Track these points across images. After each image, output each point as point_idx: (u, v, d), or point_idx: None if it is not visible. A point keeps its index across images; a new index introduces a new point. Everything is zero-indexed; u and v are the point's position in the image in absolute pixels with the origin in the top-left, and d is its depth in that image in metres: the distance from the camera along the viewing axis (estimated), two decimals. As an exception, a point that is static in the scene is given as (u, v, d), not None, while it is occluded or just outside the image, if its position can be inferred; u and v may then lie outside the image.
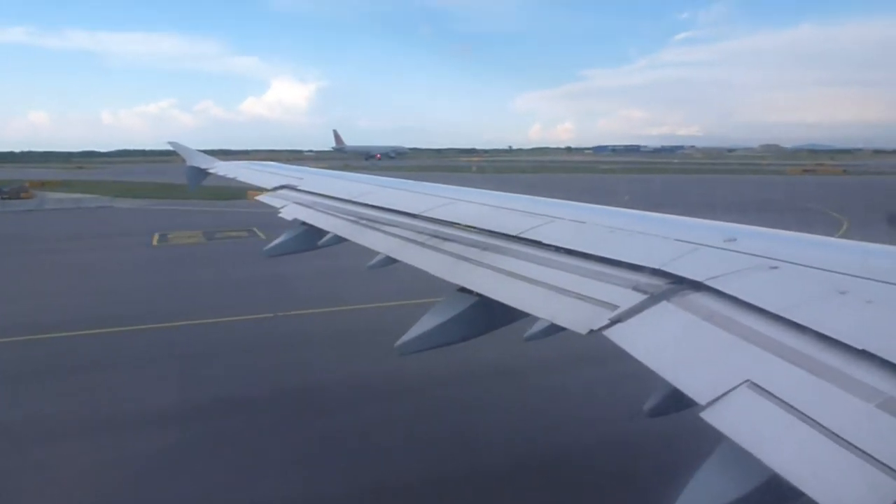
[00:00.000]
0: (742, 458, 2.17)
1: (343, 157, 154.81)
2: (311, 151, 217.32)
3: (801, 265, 3.32)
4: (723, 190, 62.06)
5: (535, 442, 9.97)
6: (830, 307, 2.78)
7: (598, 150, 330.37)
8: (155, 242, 31.35)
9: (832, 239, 3.80)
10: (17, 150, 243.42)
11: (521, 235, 4.98)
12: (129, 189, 61.88)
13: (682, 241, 4.00)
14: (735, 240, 3.83)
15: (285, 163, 15.21)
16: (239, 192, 46.65)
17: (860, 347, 2.38)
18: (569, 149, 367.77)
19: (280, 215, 8.72)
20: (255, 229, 33.83)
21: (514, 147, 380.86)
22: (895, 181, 77.90)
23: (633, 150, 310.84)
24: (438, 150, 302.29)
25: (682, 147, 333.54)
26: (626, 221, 4.81)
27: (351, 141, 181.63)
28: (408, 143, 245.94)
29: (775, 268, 3.35)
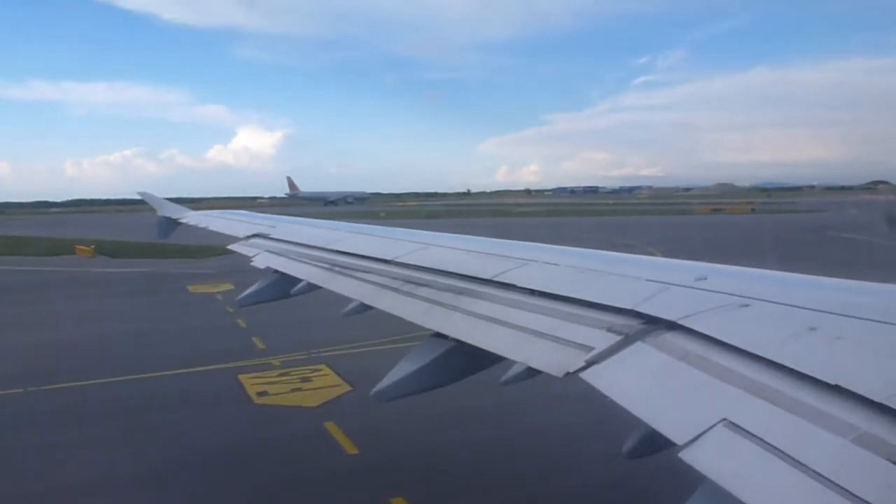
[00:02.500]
0: (721, 498, 2.18)
1: (299, 204, 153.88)
2: (265, 198, 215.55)
3: (771, 302, 3.39)
4: (598, 234, 55.47)
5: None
6: (802, 344, 2.84)
7: (558, 191, 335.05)
8: None
9: (800, 276, 3.92)
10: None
11: (495, 279, 4.99)
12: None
13: (653, 280, 4.07)
14: (706, 278, 3.90)
15: (241, 210, 15.03)
16: (69, 247, 44.35)
17: (833, 383, 2.44)
18: (528, 191, 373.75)
19: (252, 264, 8.60)
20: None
21: (475, 190, 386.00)
22: (789, 218, 78.78)
23: (592, 191, 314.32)
24: (398, 195, 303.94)
25: (639, 188, 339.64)
26: (598, 263, 4.88)
27: (315, 186, 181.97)
28: (372, 188, 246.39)
29: (746, 305, 3.41)
